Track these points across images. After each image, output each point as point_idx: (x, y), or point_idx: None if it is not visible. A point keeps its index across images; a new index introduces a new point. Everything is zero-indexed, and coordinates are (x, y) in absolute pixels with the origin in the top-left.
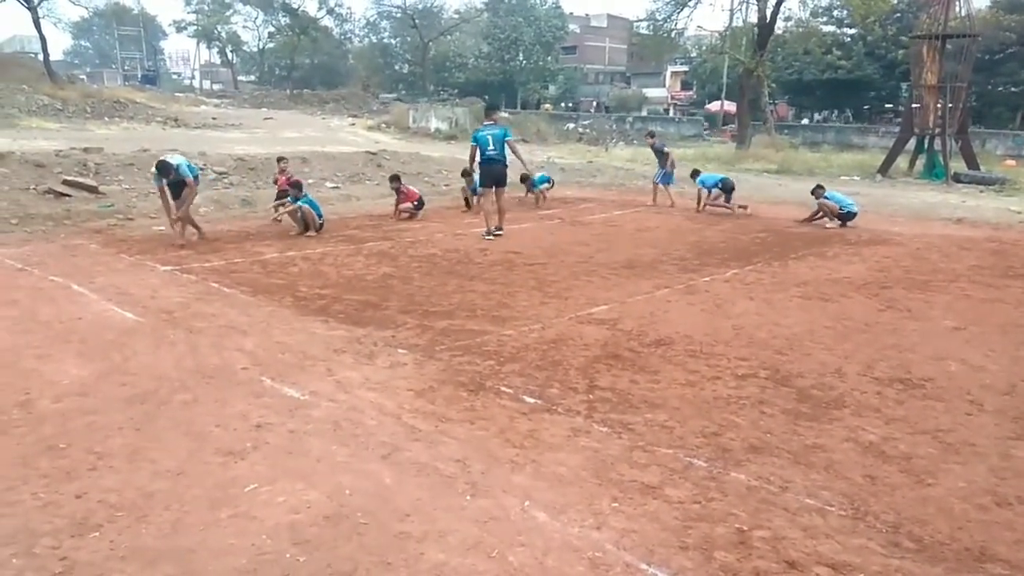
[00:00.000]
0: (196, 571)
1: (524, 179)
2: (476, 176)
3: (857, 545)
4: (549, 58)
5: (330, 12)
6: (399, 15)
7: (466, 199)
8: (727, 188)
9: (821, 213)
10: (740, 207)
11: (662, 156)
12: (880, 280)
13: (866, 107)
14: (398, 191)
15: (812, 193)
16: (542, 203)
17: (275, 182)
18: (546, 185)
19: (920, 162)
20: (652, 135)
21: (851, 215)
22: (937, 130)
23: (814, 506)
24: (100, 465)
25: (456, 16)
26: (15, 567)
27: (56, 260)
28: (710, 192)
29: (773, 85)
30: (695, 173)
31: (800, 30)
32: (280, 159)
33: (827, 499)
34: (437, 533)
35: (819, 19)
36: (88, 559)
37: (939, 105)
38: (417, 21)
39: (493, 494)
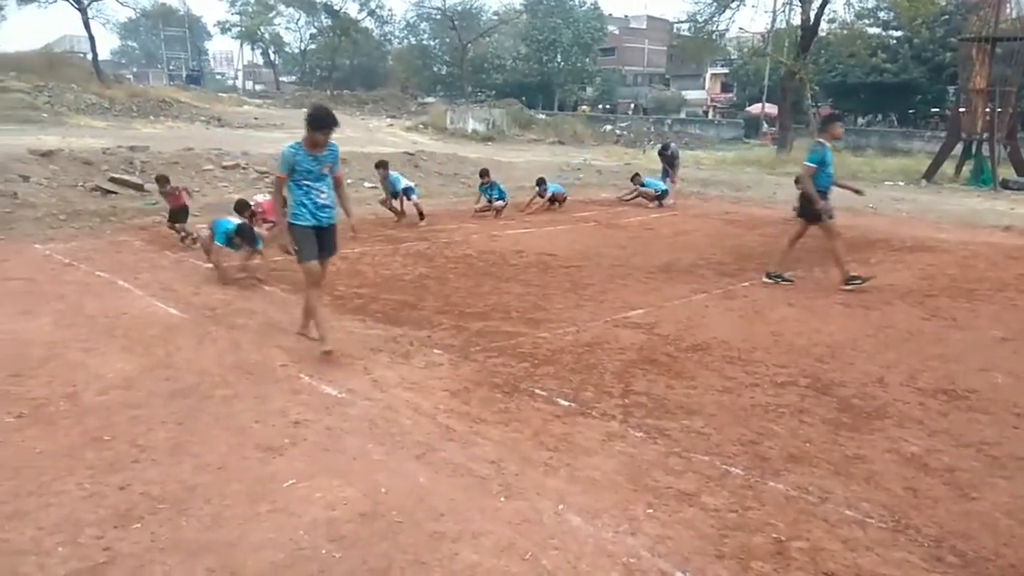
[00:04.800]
0: (235, 564)
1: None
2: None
3: (898, 558)
4: (587, 60)
5: (371, 14)
6: (438, 17)
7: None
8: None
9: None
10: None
11: (671, 161)
12: (924, 288)
13: (912, 111)
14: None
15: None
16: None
17: (166, 196)
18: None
19: (967, 168)
20: (666, 147)
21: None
22: (985, 135)
23: (854, 518)
24: (143, 458)
25: (495, 18)
26: (60, 555)
27: (102, 256)
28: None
29: (816, 88)
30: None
31: (844, 32)
32: (159, 180)
33: (867, 511)
34: (471, 534)
35: (864, 21)
36: (130, 550)
37: (987, 109)
38: (456, 23)
39: (527, 496)
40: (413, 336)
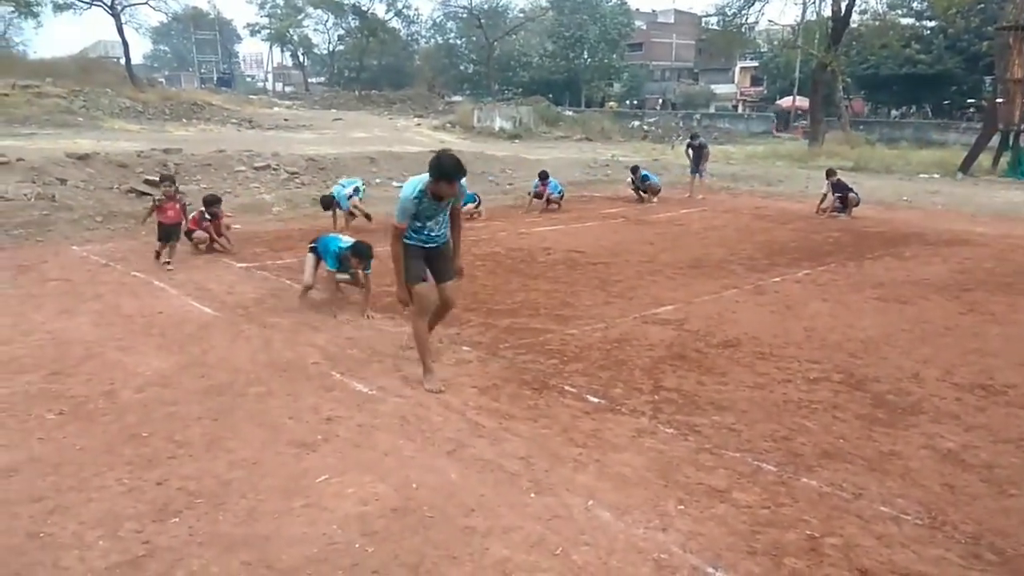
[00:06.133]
0: (270, 558)
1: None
2: None
3: (934, 555)
4: (614, 55)
5: (398, 14)
6: (465, 16)
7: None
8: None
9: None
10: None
11: (699, 152)
12: (961, 282)
13: (946, 102)
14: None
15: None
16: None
17: (153, 211)
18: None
19: (1004, 159)
20: (694, 137)
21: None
22: (1023, 126)
23: (889, 514)
24: (180, 454)
25: (521, 15)
26: (101, 548)
27: (138, 256)
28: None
29: (848, 80)
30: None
31: (877, 23)
32: (165, 179)
33: (903, 507)
34: (501, 529)
35: (897, 11)
36: (168, 544)
37: None
38: (482, 21)
39: (557, 492)
40: (442, 333)
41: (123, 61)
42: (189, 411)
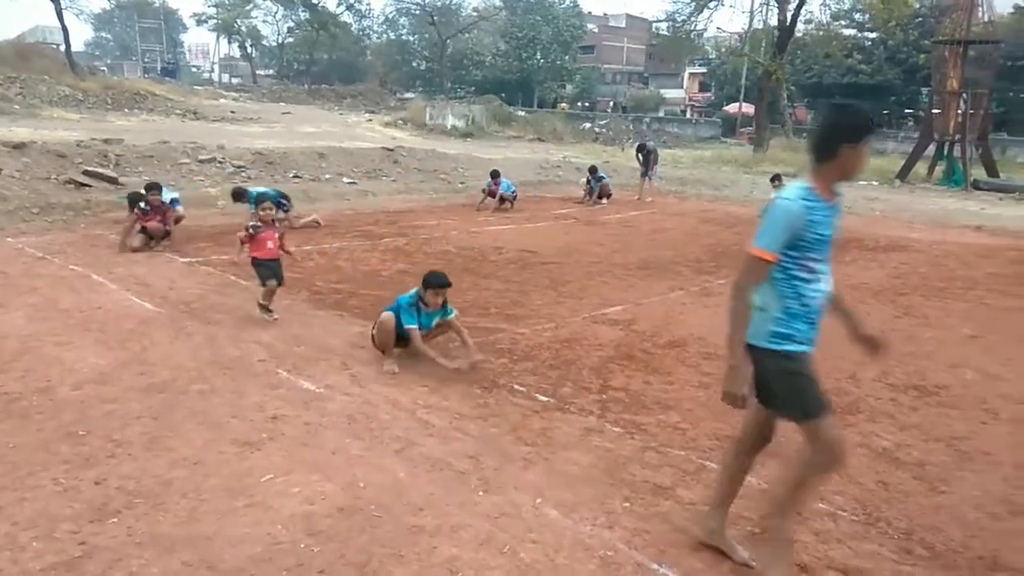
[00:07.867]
0: (212, 559)
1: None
2: None
3: (869, 551)
4: (567, 57)
5: (349, 8)
6: (417, 12)
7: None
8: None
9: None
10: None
11: (648, 157)
12: (897, 287)
13: (885, 112)
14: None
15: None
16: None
17: (245, 243)
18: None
19: (939, 168)
20: (641, 148)
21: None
22: (957, 136)
23: (826, 511)
24: (119, 453)
25: (474, 14)
26: (35, 550)
27: (76, 249)
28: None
29: (792, 88)
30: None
31: (820, 33)
32: (263, 199)
33: (840, 504)
34: (449, 528)
35: (840, 22)
36: (106, 544)
37: (960, 111)
38: (435, 18)
39: (505, 491)
40: None
41: (63, 48)
42: (128, 409)
